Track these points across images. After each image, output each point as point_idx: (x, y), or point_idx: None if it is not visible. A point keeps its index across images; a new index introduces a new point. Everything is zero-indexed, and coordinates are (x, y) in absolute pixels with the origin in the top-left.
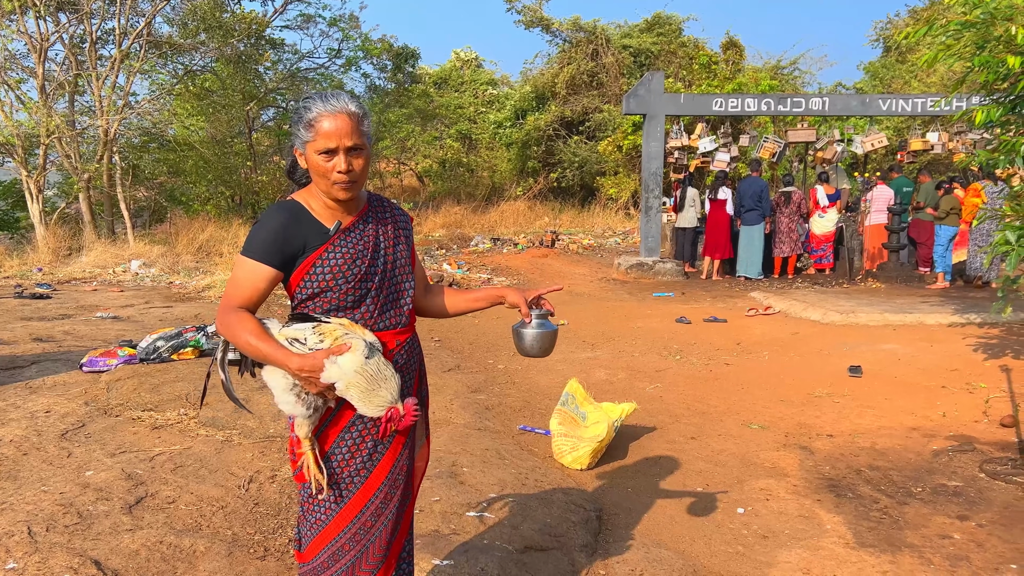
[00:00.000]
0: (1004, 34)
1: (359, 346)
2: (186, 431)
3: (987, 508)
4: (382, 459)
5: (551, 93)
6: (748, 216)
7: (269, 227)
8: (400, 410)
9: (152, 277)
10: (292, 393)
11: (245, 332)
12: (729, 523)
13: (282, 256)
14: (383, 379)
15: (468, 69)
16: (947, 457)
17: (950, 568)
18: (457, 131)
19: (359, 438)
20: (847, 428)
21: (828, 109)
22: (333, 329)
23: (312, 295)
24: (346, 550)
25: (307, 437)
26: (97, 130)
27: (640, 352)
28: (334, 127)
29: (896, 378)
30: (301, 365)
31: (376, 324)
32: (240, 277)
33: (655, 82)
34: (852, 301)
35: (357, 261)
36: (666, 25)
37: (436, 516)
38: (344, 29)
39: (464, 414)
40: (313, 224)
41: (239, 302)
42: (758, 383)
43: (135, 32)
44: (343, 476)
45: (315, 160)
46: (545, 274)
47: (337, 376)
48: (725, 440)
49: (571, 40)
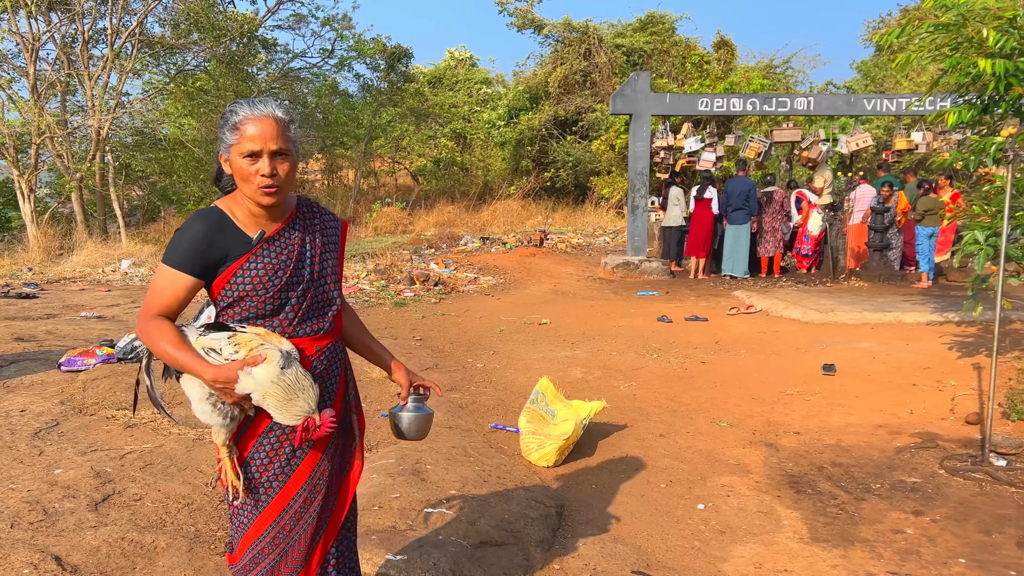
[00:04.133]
0: (976, 36)
1: (274, 357)
2: (159, 430)
3: (943, 504)
4: (301, 464)
5: (544, 93)
6: (735, 215)
7: (190, 236)
8: (317, 420)
9: (141, 276)
10: (208, 402)
11: (163, 341)
12: (688, 519)
13: (203, 265)
14: (300, 389)
15: (462, 68)
16: (909, 454)
17: (899, 562)
18: (451, 130)
19: (277, 444)
20: (815, 425)
21: (813, 109)
22: (248, 339)
23: (232, 303)
24: (266, 553)
25: (224, 444)
26: (89, 129)
27: (619, 351)
28: (259, 130)
29: (869, 376)
30: (216, 376)
31: (295, 331)
32: (160, 285)
33: (641, 82)
34: (833, 300)
35: (279, 272)
36: (659, 24)
37: (394, 512)
38: (337, 29)
39: (437, 413)
40: (236, 233)
41: (159, 310)
42: (732, 381)
43: (127, 32)
44: (262, 480)
45: (239, 164)
46: (532, 273)
47: (252, 387)
48: (693, 437)
49: (563, 40)
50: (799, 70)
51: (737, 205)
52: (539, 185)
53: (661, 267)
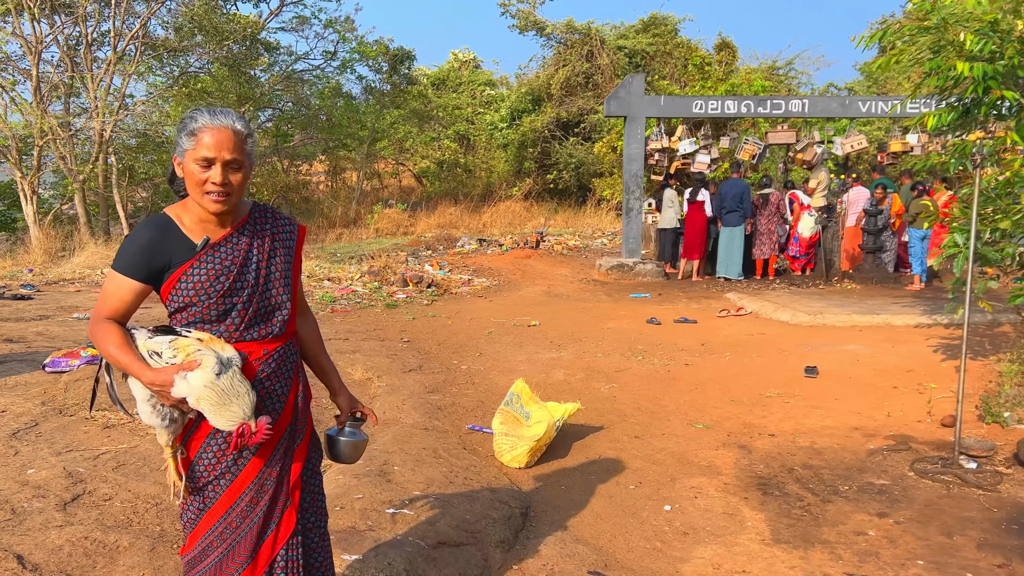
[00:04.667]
0: (956, 39)
1: (209, 362)
2: (136, 430)
3: (908, 506)
4: (248, 464)
5: (546, 95)
6: (729, 217)
7: (136, 243)
8: (252, 427)
9: None
10: (149, 404)
11: (108, 343)
12: (654, 520)
13: (148, 271)
14: (235, 395)
15: (466, 70)
16: (881, 456)
17: (858, 563)
18: (455, 132)
19: (224, 445)
20: (790, 428)
21: (808, 111)
22: (187, 344)
23: (178, 308)
24: (214, 547)
25: (167, 445)
26: (92, 132)
27: (604, 353)
28: (215, 139)
29: (851, 378)
30: (152, 379)
31: (242, 336)
32: (108, 290)
33: (635, 84)
34: (823, 302)
35: (221, 278)
36: (662, 26)
37: (356, 513)
38: (340, 31)
39: (414, 414)
40: (181, 240)
41: (107, 313)
42: (713, 383)
43: (130, 34)
44: (209, 479)
45: (192, 169)
46: (526, 275)
47: (187, 391)
48: (667, 439)
49: (566, 42)
50: (803, 71)
51: (731, 207)
52: (541, 187)
53: (655, 269)
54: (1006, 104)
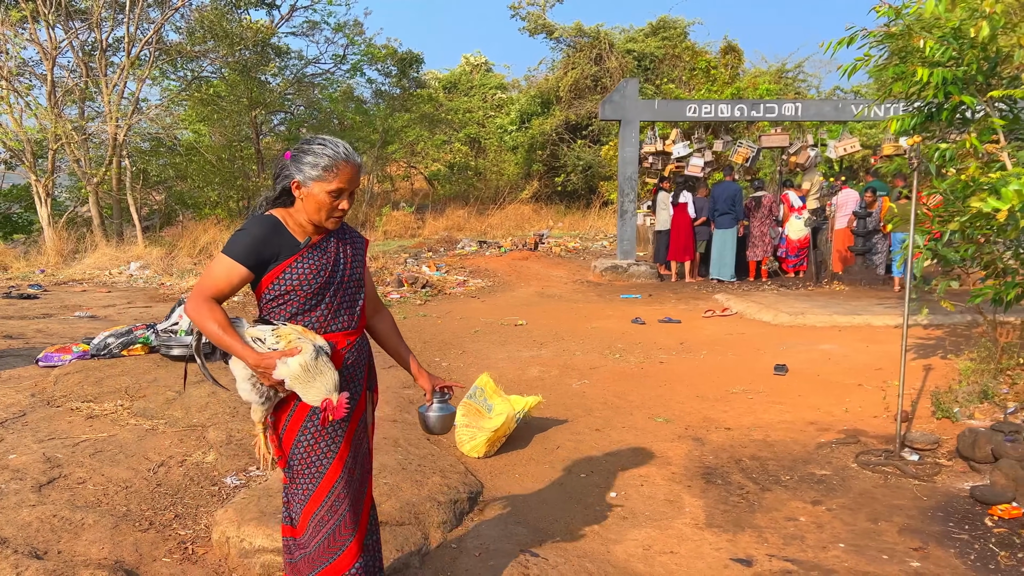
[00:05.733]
0: (917, 46)
1: (308, 349)
2: (117, 420)
3: (844, 494)
4: (343, 441)
5: (555, 97)
6: (721, 220)
7: (252, 234)
8: (333, 401)
9: (146, 279)
10: (249, 383)
11: (212, 322)
12: (597, 505)
13: (257, 260)
14: (320, 374)
15: (477, 73)
16: (829, 449)
17: (782, 546)
18: (466, 135)
19: (319, 427)
20: (748, 422)
21: (801, 115)
22: (288, 332)
23: (278, 296)
24: (326, 520)
25: (260, 422)
26: (106, 135)
27: (583, 351)
28: (350, 175)
29: (819, 376)
30: (258, 361)
31: (328, 327)
32: (217, 272)
33: (630, 88)
34: (807, 303)
35: (320, 272)
36: (671, 29)
37: None
38: (349, 35)
39: (386, 407)
40: (288, 237)
41: (211, 292)
42: (682, 380)
43: (144, 40)
44: (312, 459)
45: (322, 197)
46: (522, 276)
47: (286, 374)
48: (627, 432)
49: (575, 45)
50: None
51: (723, 210)
52: (551, 189)
53: (649, 270)
54: (967, 109)
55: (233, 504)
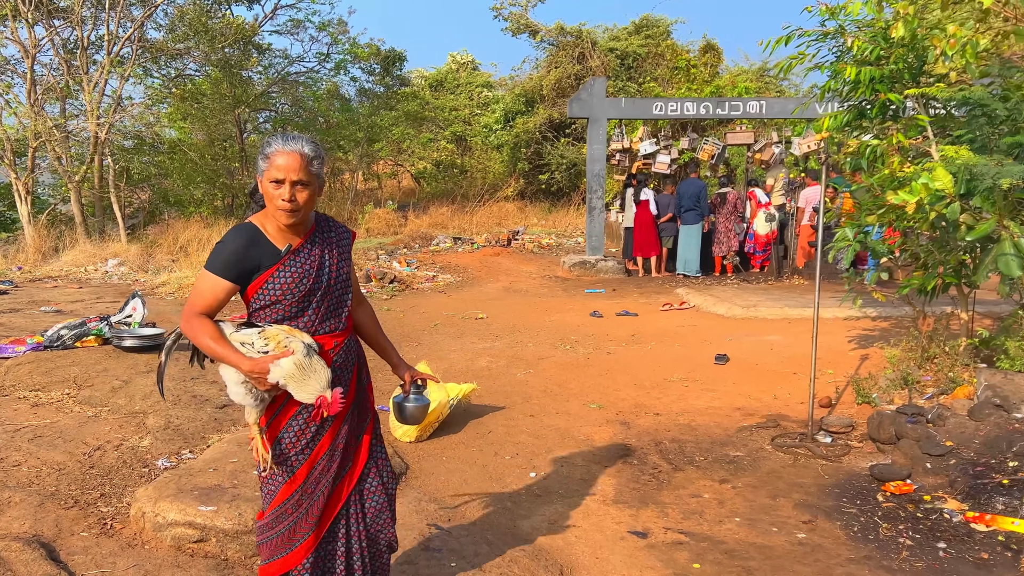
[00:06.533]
0: (848, 46)
1: (299, 349)
2: (62, 408)
3: (752, 473)
4: (321, 439)
5: (539, 96)
6: (687, 216)
7: (229, 248)
8: (328, 398)
9: (121, 275)
10: (242, 387)
11: (205, 336)
12: (515, 484)
13: (239, 273)
14: (313, 371)
15: (464, 72)
16: (748, 432)
17: (680, 519)
18: (452, 133)
19: (304, 425)
20: (677, 408)
21: (765, 112)
22: (275, 334)
23: (264, 305)
24: (288, 512)
25: (255, 423)
26: (88, 133)
27: (535, 343)
28: (285, 163)
29: (757, 366)
30: (252, 367)
31: (317, 329)
32: (203, 288)
33: (597, 87)
34: (763, 297)
35: (304, 279)
36: (654, 28)
37: (226, 474)
38: (333, 34)
39: None
40: (267, 246)
41: (201, 309)
42: (624, 369)
43: (125, 37)
44: (291, 454)
45: (266, 187)
46: (491, 271)
47: (279, 376)
48: (559, 417)
49: (558, 44)
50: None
51: (689, 206)
52: (536, 187)
53: (616, 266)
54: (894, 106)
55: (154, 483)
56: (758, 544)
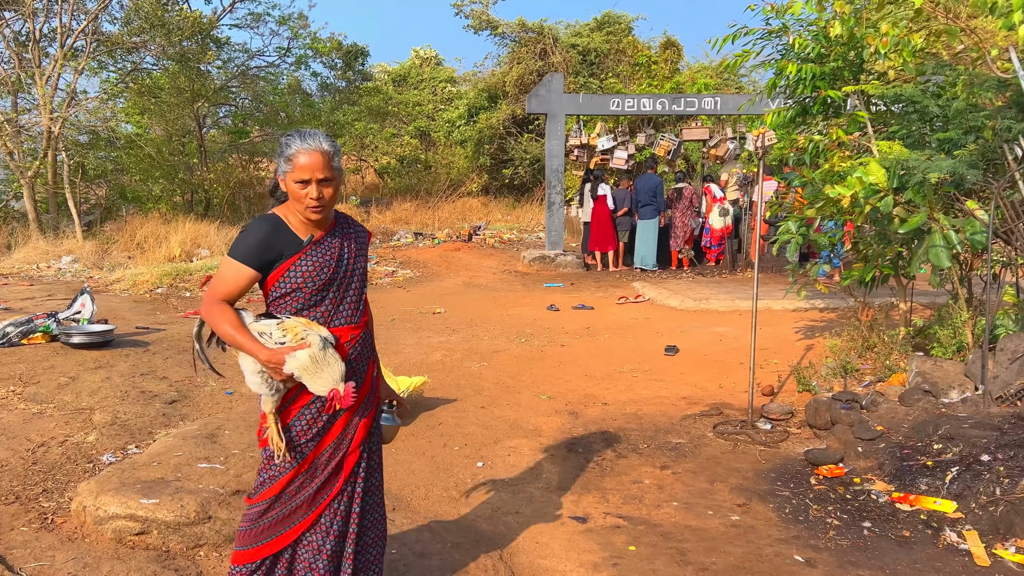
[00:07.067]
0: (791, 44)
1: (315, 341)
2: (6, 405)
3: (692, 460)
4: (331, 429)
5: (502, 92)
6: (644, 211)
7: (254, 236)
8: (341, 391)
9: (75, 272)
10: (259, 376)
11: (225, 323)
12: (462, 474)
13: (262, 260)
14: (327, 365)
15: (427, 67)
16: (692, 420)
17: (620, 504)
18: (416, 128)
19: (315, 415)
20: (626, 398)
21: (720, 108)
22: (293, 326)
23: (283, 294)
24: (291, 494)
25: (271, 412)
26: (40, 128)
27: (491, 336)
28: (308, 162)
29: (706, 356)
30: (268, 357)
31: (332, 321)
32: (226, 274)
33: (555, 83)
34: (716, 289)
35: (323, 269)
36: (615, 24)
37: (170, 467)
38: (293, 28)
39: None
40: (290, 236)
41: (222, 295)
42: (577, 361)
43: (78, 30)
44: (300, 442)
45: (292, 188)
46: (451, 267)
47: (295, 367)
48: (510, 408)
49: (519, 40)
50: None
51: (645, 201)
52: (500, 183)
53: (575, 260)
54: (835, 103)
55: (97, 477)
56: (693, 527)
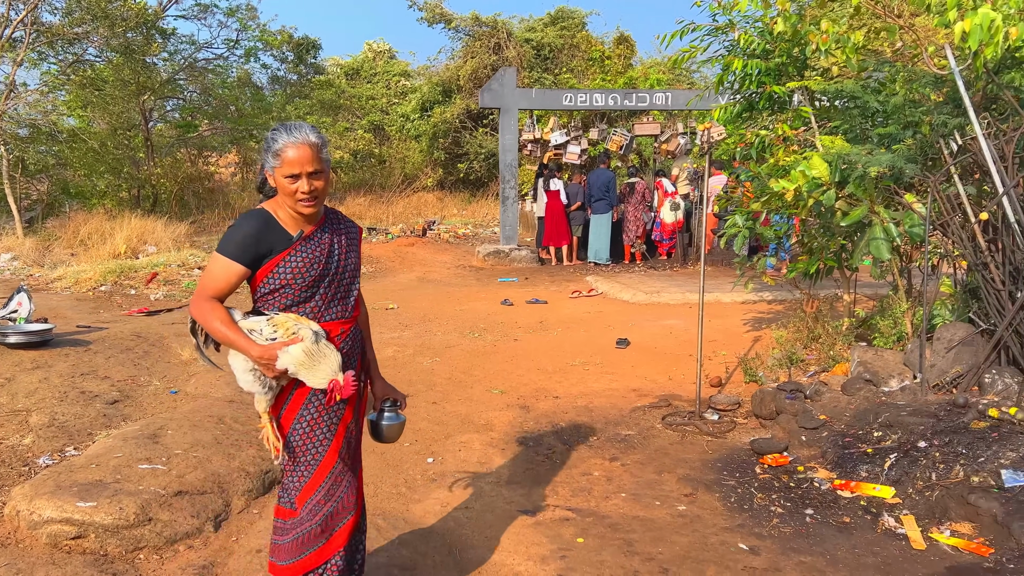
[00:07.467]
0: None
1: (308, 336)
2: None
3: (641, 451)
4: (339, 426)
5: (456, 86)
6: (597, 205)
7: (243, 231)
8: (340, 381)
9: (14, 270)
10: (251, 373)
11: (215, 320)
12: (411, 470)
13: (253, 256)
14: (323, 356)
15: (381, 60)
16: (641, 412)
17: (570, 496)
18: (369, 122)
19: (316, 414)
20: (577, 391)
21: (672, 104)
22: (283, 321)
23: (272, 290)
24: (322, 504)
25: (265, 412)
26: None
27: (444, 332)
28: (297, 156)
29: (656, 349)
30: (261, 354)
31: (323, 316)
32: (215, 271)
33: (508, 77)
34: (667, 283)
35: (314, 265)
36: (569, 19)
37: (109, 469)
38: (242, 19)
39: (226, 389)
40: (280, 231)
41: (212, 292)
42: (529, 355)
43: (17, 20)
44: (309, 446)
45: (282, 182)
46: (405, 262)
47: (288, 362)
48: (462, 404)
49: (473, 34)
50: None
51: (598, 196)
52: (455, 177)
53: (530, 255)
54: (781, 98)
55: (32, 481)
56: (641, 517)
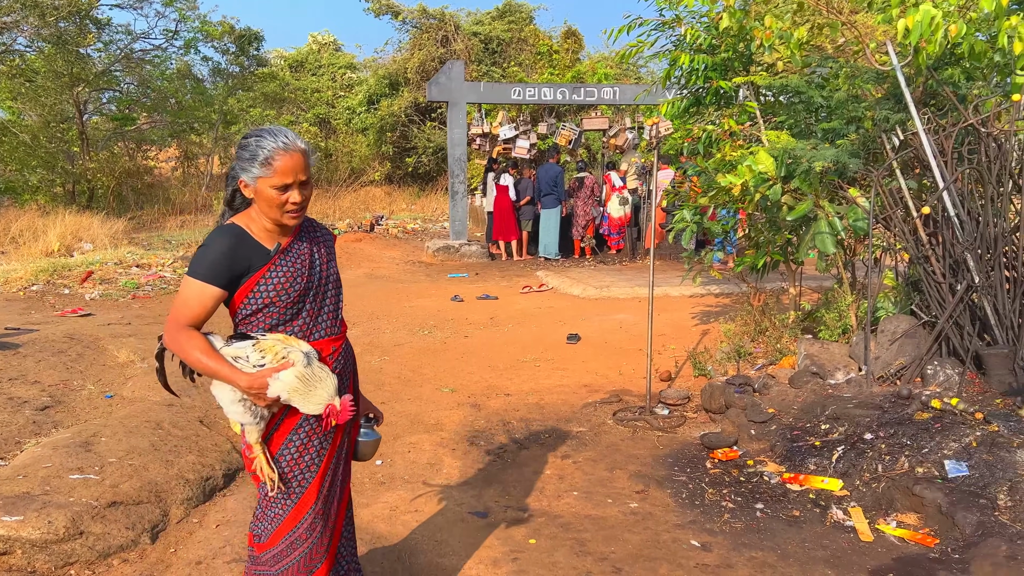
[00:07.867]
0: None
1: (299, 359)
2: None
3: (593, 448)
4: (326, 455)
5: (403, 79)
6: (545, 200)
7: (216, 250)
8: (337, 406)
9: None
10: (240, 404)
11: (195, 350)
12: (359, 474)
13: (229, 277)
14: (318, 380)
15: (326, 53)
16: (592, 408)
17: (522, 496)
18: (315, 115)
19: (305, 439)
20: (528, 388)
21: (619, 99)
22: (271, 344)
23: (255, 311)
24: (302, 539)
25: (257, 442)
26: None
27: (393, 329)
28: (291, 165)
29: (607, 343)
30: (250, 383)
31: (311, 335)
32: (189, 297)
33: (455, 70)
34: (616, 277)
35: (297, 278)
36: (517, 13)
37: (37, 480)
38: (180, 9)
39: (166, 393)
40: (255, 246)
41: (187, 320)
42: (479, 352)
43: None
44: (295, 474)
45: (269, 193)
46: (353, 258)
47: (280, 389)
48: (411, 403)
49: (421, 27)
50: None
51: (547, 190)
52: (403, 171)
53: (480, 250)
54: (727, 93)
55: None
56: (593, 516)
